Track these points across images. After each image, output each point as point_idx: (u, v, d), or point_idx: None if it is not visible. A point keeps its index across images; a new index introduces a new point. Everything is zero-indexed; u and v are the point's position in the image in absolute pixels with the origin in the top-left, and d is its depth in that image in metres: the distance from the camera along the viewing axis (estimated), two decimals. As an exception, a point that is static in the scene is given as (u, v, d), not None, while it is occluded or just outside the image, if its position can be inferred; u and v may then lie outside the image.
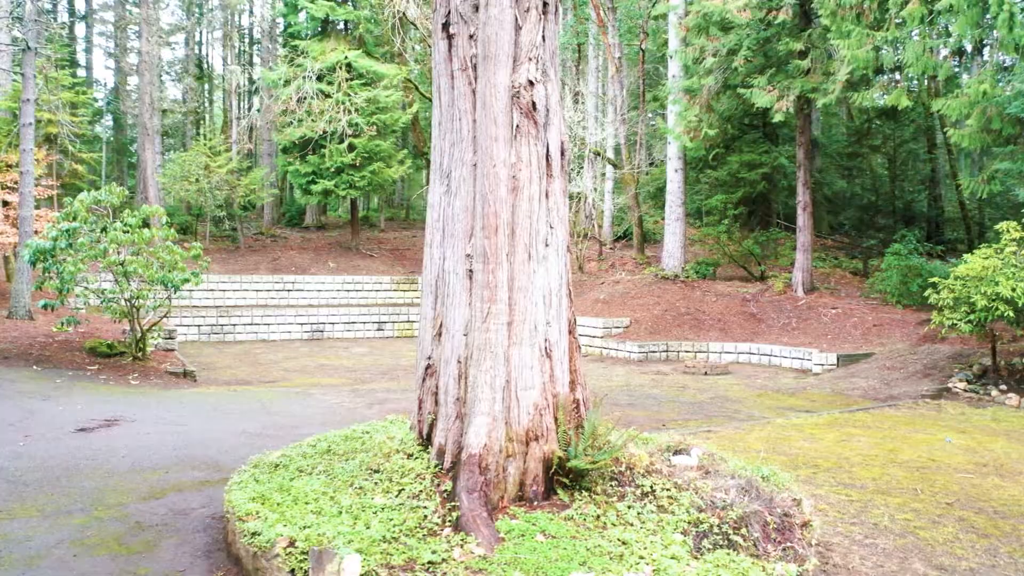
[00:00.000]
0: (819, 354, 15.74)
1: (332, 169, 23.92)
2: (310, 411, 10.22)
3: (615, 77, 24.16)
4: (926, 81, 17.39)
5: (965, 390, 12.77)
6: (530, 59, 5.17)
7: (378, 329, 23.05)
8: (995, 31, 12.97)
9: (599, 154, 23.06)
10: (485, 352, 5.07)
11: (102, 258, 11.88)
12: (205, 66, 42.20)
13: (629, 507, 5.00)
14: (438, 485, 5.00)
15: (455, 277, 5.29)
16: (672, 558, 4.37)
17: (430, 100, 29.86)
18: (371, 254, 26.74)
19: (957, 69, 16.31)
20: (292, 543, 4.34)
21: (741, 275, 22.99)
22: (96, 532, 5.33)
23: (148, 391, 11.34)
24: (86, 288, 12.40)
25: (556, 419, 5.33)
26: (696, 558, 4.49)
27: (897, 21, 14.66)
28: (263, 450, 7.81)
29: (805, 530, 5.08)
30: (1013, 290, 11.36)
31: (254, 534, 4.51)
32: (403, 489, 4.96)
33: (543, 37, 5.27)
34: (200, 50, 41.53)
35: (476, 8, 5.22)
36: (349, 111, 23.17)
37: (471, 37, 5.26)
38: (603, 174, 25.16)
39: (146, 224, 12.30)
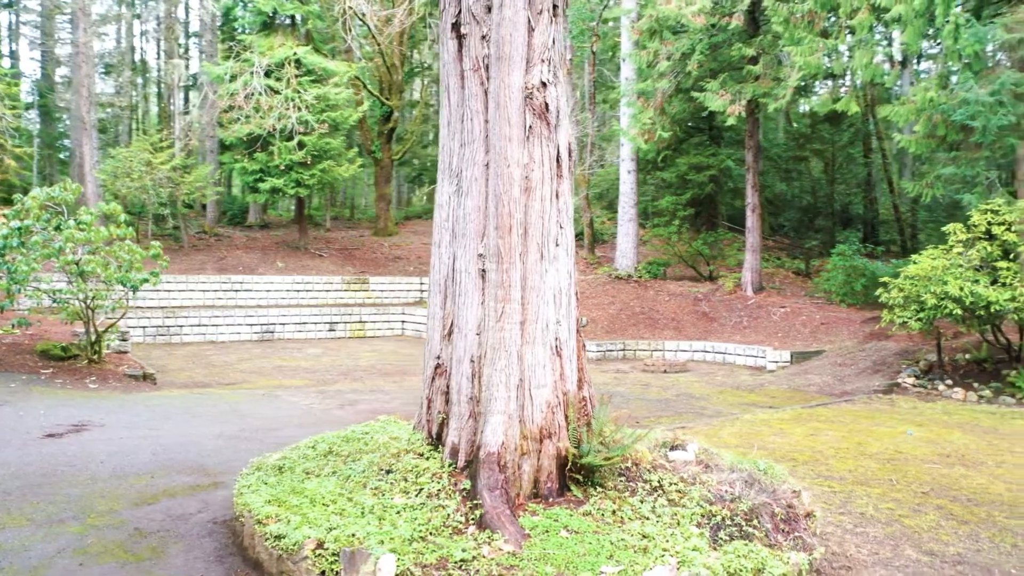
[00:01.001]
0: (773, 352, 16.20)
1: (281, 167, 23.51)
2: (283, 413, 10.06)
3: (566, 79, 24.35)
4: (863, 87, 18.04)
5: (914, 385, 13.31)
6: (543, 61, 5.22)
7: (330, 330, 22.75)
8: (941, 41, 13.55)
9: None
10: (500, 351, 5.10)
11: (57, 257, 11.45)
12: (139, 59, 40.94)
13: (642, 502, 5.10)
14: (456, 484, 5.01)
15: (467, 276, 5.31)
16: (694, 550, 4.48)
17: (378, 98, 29.64)
18: (320, 254, 26.37)
19: (888, 77, 16.93)
20: (320, 545, 4.30)
21: (691, 275, 23.46)
22: (96, 540, 5.17)
23: (109, 395, 10.99)
24: (36, 288, 11.93)
25: (567, 417, 5.39)
26: (715, 549, 4.61)
27: (847, 30, 15.19)
28: (244, 453, 7.69)
29: (809, 520, 5.26)
30: (961, 289, 11.89)
31: (278, 537, 4.45)
32: (421, 489, 4.95)
33: (553, 39, 5.33)
34: (134, 42, 40.27)
35: (488, 9, 5.25)
36: (299, 108, 22.81)
37: (483, 38, 5.28)
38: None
39: (108, 221, 11.90)
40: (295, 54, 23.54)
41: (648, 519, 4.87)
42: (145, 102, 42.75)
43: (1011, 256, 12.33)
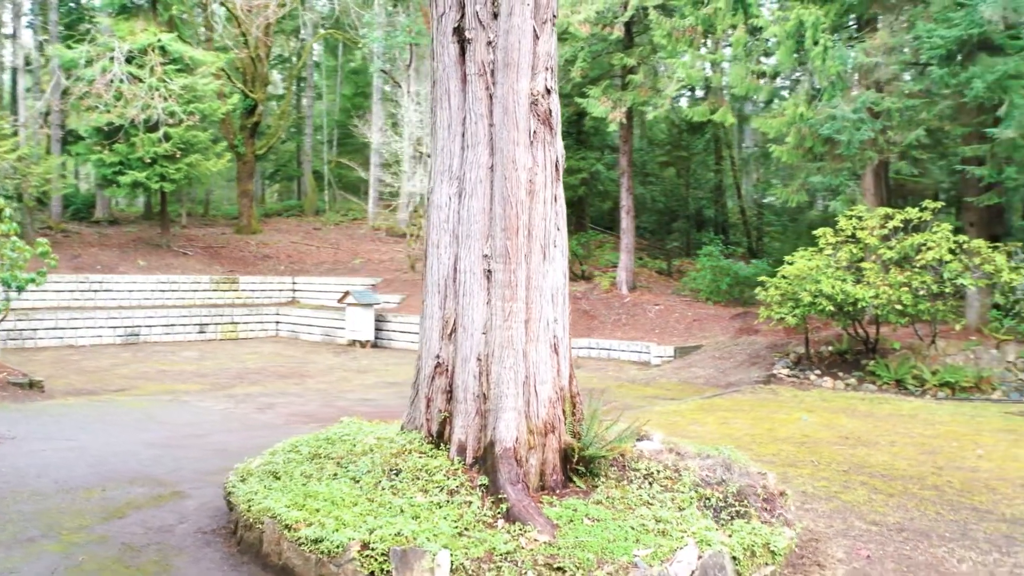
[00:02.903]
0: (657, 347, 17.12)
1: (146, 160, 22.14)
2: (202, 419, 9.65)
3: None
4: (734, 99, 19.38)
5: (788, 376, 14.54)
6: (546, 68, 5.43)
7: (200, 331, 21.71)
8: (810, 61, 14.86)
9: (429, 156, 23.26)
10: (508, 349, 5.27)
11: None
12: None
13: (639, 488, 5.42)
14: (472, 480, 5.12)
15: (472, 277, 5.43)
16: (707, 530, 4.85)
17: (242, 90, 28.49)
18: (185, 252, 25.05)
19: (761, 92, 18.30)
20: (366, 545, 4.30)
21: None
22: (88, 557, 4.87)
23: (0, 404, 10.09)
24: None
25: (564, 411, 5.63)
26: (720, 528, 5.00)
27: (724, 46, 16.32)
28: (187, 461, 7.40)
29: (783, 499, 5.78)
30: (832, 287, 13.12)
31: (315, 541, 4.40)
32: (441, 487, 5.03)
33: (553, 48, 5.54)
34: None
35: (495, 16, 5.39)
36: (165, 98, 21.58)
37: (489, 43, 5.42)
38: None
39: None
40: (159, 41, 22.26)
41: (653, 504, 5.20)
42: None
43: (873, 258, 13.74)
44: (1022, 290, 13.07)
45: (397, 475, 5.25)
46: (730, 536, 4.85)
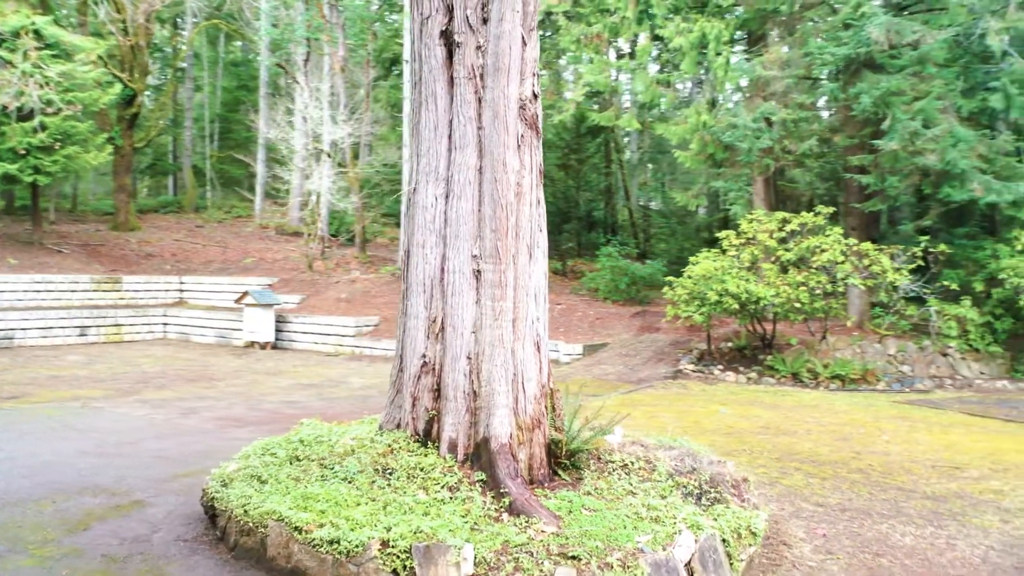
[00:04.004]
0: (565, 345, 17.54)
1: (17, 151, 20.60)
2: (124, 426, 9.18)
3: (340, 76, 24.08)
4: (640, 105, 20.09)
5: (694, 371, 15.27)
6: (533, 74, 5.58)
7: (81, 334, 20.43)
8: (712, 72, 15.65)
9: (330, 155, 22.83)
10: (498, 347, 5.39)
11: None
12: None
13: (620, 479, 5.66)
14: (468, 476, 5.21)
15: (461, 277, 5.50)
16: (695, 515, 5.14)
17: (120, 79, 26.98)
18: (59, 250, 23.48)
19: (664, 100, 19.08)
20: (385, 543, 4.32)
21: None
22: (70, 571, 4.63)
23: None
24: None
25: (545, 407, 5.80)
26: (704, 513, 5.31)
27: (629, 55, 16.91)
28: (129, 469, 7.09)
29: (746, 485, 6.17)
30: (737, 287, 13.91)
31: (332, 542, 4.37)
32: (440, 484, 5.09)
33: (537, 55, 5.70)
34: None
35: (485, 21, 5.49)
36: (41, 85, 20.20)
37: (478, 48, 5.51)
38: (336, 173, 24.91)
39: None
40: (33, 24, 20.77)
41: (637, 494, 5.45)
42: None
43: (772, 259, 14.65)
44: (903, 289, 14.28)
45: (391, 474, 5.26)
46: (715, 520, 5.15)
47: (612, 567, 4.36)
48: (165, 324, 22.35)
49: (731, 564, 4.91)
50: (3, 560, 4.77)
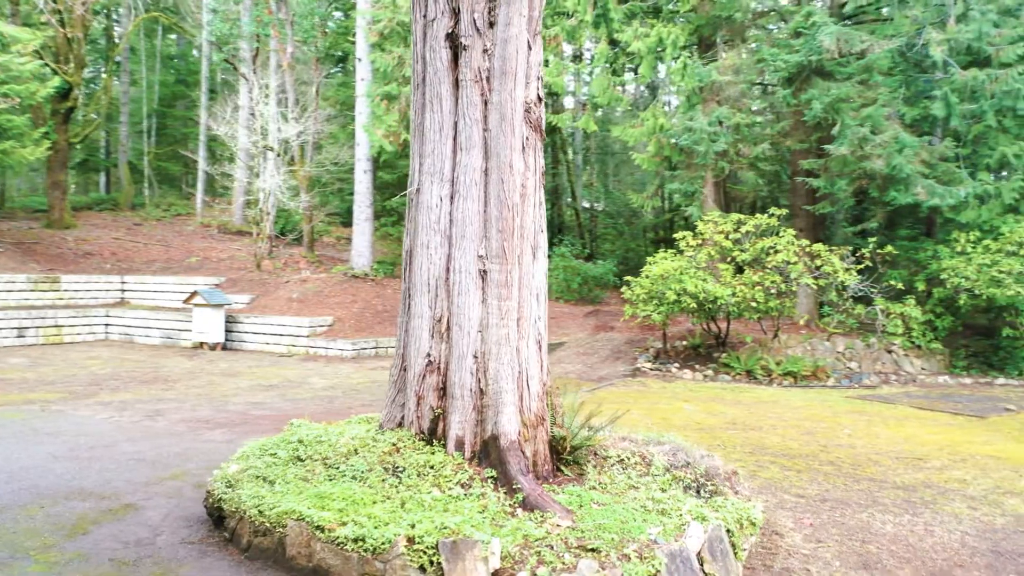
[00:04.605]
0: (523, 344, 17.66)
1: (-50, 145, 19.74)
2: (91, 429, 8.93)
3: (288, 73, 23.71)
4: (595, 108, 20.32)
5: (651, 369, 15.59)
6: (537, 78, 5.68)
7: (19, 336, 19.67)
8: (669, 76, 15.99)
9: (278, 153, 22.47)
10: (504, 346, 5.48)
11: None
12: None
13: (619, 474, 5.81)
14: (479, 473, 5.28)
15: (467, 276, 5.56)
16: (699, 507, 5.31)
17: (56, 70, 26.03)
18: (-7, 248, 22.56)
19: (620, 102, 19.39)
20: (411, 540, 4.36)
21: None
22: (82, 575, 4.54)
23: None
24: None
25: (547, 405, 5.91)
26: (707, 505, 5.49)
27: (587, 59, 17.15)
28: (110, 473, 6.95)
29: (736, 478, 6.38)
30: (696, 286, 14.26)
31: (356, 539, 4.39)
32: (452, 481, 5.14)
33: (541, 58, 5.80)
34: None
35: (491, 25, 5.56)
36: (-25, 77, 19.39)
37: (485, 51, 5.57)
38: (287, 171, 24.53)
39: None
40: (-34, 12, 19.92)
41: (639, 488, 5.61)
42: None
43: (728, 259, 15.06)
44: (852, 289, 14.85)
45: (401, 472, 5.30)
46: (717, 511, 5.34)
47: (630, 558, 4.49)
48: (107, 325, 21.69)
49: (735, 553, 5.10)
50: (8, 567, 4.65)
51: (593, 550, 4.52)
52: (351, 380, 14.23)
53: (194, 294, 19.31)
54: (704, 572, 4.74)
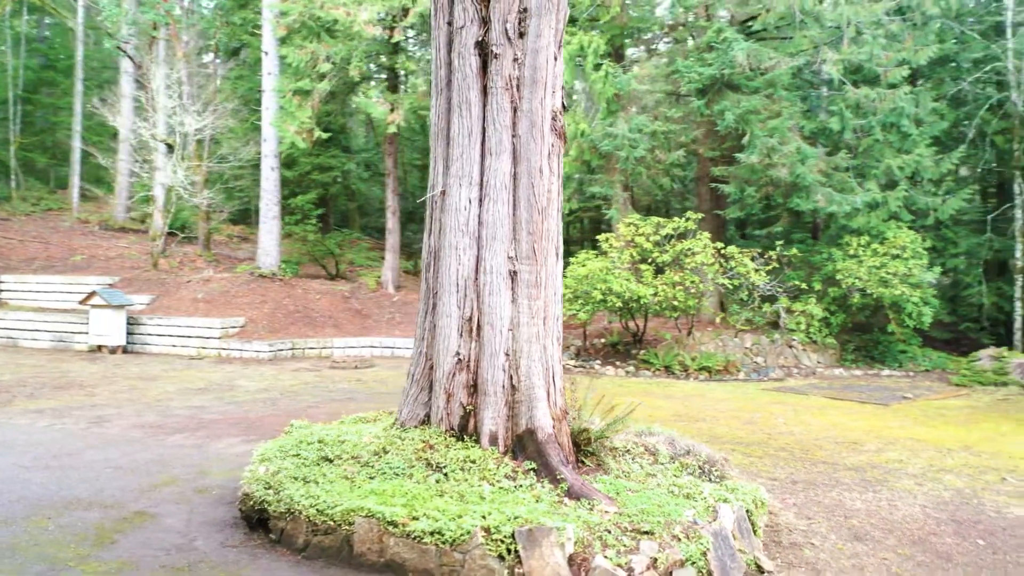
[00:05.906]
0: (445, 344, 17.78)
1: None
2: (42, 438, 8.45)
3: (184, 64, 22.75)
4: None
5: (575, 366, 16.12)
6: (561, 88, 5.96)
7: None
8: (589, 83, 16.57)
9: (171, 146, 21.51)
10: (535, 344, 5.73)
11: None
12: None
13: (633, 463, 6.18)
14: (519, 466, 5.49)
15: (498, 277, 5.77)
16: (717, 490, 5.75)
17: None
18: None
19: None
20: (487, 530, 4.55)
21: (323, 274, 23.88)
22: (145, 583, 4.45)
23: None
24: None
25: (567, 399, 6.20)
26: (721, 487, 5.93)
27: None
28: (94, 481, 6.75)
29: (728, 464, 6.88)
30: (621, 286, 14.89)
31: (433, 532, 4.53)
32: (498, 474, 5.34)
33: (563, 69, 6.08)
34: None
35: (522, 35, 5.78)
36: None
37: (515, 60, 5.79)
38: (187, 168, 23.47)
39: None
40: None
41: (655, 475, 5.99)
42: None
43: (648, 260, 15.80)
44: (760, 288, 15.92)
45: (442, 468, 5.44)
46: (732, 493, 5.79)
47: (679, 539, 4.86)
48: (-16, 328, 20.13)
49: (755, 531, 5.56)
50: (55, 579, 4.48)
51: (647, 532, 4.85)
52: (281, 382, 13.95)
53: (92, 294, 18.26)
54: (737, 549, 5.17)
